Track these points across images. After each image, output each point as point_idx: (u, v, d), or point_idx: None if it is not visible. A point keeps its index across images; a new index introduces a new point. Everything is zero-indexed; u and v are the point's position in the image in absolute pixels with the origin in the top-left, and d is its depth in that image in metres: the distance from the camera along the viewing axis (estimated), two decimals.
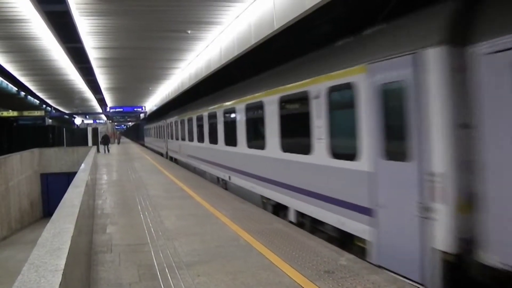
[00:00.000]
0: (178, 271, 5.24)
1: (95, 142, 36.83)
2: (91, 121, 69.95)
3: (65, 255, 2.92)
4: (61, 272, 2.57)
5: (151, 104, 43.47)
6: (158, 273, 5.21)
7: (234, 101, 11.62)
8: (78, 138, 37.92)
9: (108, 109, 46.64)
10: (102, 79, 25.26)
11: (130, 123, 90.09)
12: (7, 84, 31.42)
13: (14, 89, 33.28)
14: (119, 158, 28.39)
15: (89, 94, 35.14)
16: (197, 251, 6.08)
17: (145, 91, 33.84)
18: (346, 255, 5.66)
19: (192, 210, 9.21)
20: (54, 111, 50.23)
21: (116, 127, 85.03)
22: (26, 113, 40.74)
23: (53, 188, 26.10)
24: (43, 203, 26.48)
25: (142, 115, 57.30)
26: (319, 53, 7.69)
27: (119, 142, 55.79)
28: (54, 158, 28.43)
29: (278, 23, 9.16)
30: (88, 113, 57.37)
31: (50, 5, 12.33)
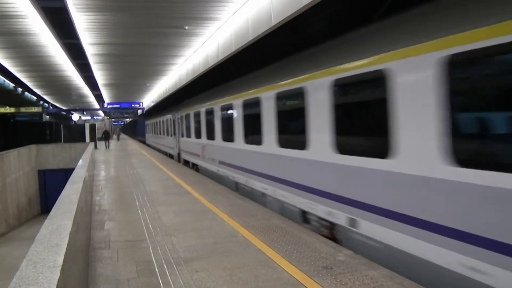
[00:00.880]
0: (176, 267, 5.25)
1: (93, 138, 36.83)
2: (88, 118, 69.79)
3: (63, 251, 2.92)
4: (59, 269, 2.58)
5: (148, 100, 43.35)
6: (156, 269, 5.22)
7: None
8: (76, 134, 37.85)
9: (105, 105, 46.51)
10: (99, 75, 25.15)
11: (127, 119, 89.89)
12: (4, 80, 31.29)
13: (11, 85, 33.14)
14: (117, 154, 28.36)
15: (86, 90, 35.02)
16: (195, 247, 6.10)
17: (142, 87, 33.73)
18: (344, 251, 5.68)
19: (190, 206, 9.22)
20: (51, 107, 50.06)
21: (114, 123, 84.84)
22: (23, 109, 40.60)
23: (50, 185, 26.12)
24: (41, 200, 26.50)
25: (139, 111, 57.17)
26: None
27: (118, 139, 55.57)
28: (51, 155, 28.41)
29: (275, 19, 9.14)
30: (86, 109, 57.18)
31: (47, 1, 12.27)
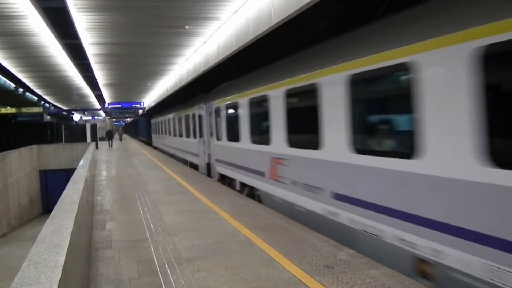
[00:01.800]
0: (178, 266, 5.25)
1: (94, 138, 36.93)
2: (89, 117, 69.86)
3: (65, 251, 2.93)
4: (61, 269, 2.58)
5: (149, 100, 43.37)
6: (158, 268, 5.22)
7: None
8: (77, 134, 37.92)
9: (106, 105, 46.56)
10: (100, 75, 25.17)
11: (128, 119, 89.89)
12: (5, 81, 31.32)
13: (12, 85, 33.17)
14: (118, 153, 28.37)
15: (87, 90, 35.06)
16: (196, 246, 6.09)
17: (143, 87, 33.75)
18: (346, 250, 5.68)
19: (191, 205, 9.21)
20: (52, 107, 50.12)
21: (115, 123, 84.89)
22: (24, 109, 40.65)
23: (52, 185, 26.15)
24: (42, 200, 26.52)
25: (140, 111, 57.14)
26: None
27: (121, 139, 55.59)
28: (52, 155, 28.44)
29: (276, 18, 9.14)
30: (87, 109, 57.23)
31: (47, 1, 12.27)
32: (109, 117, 61.40)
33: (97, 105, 51.64)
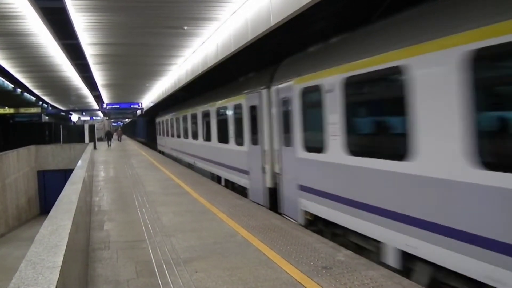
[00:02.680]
0: (176, 267, 5.25)
1: (92, 138, 37.00)
2: (87, 118, 69.75)
3: (63, 252, 2.93)
4: (59, 269, 2.58)
5: (148, 100, 43.32)
6: (156, 269, 5.22)
7: None
8: (75, 135, 37.95)
9: (104, 105, 46.47)
10: (99, 76, 25.12)
11: (126, 120, 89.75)
12: (3, 81, 31.24)
13: (10, 86, 33.10)
14: (116, 154, 28.34)
15: (85, 90, 34.97)
16: (194, 247, 6.09)
17: (142, 88, 33.69)
18: (344, 251, 5.68)
19: (189, 206, 9.21)
20: (50, 108, 50.01)
21: (113, 123, 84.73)
22: (22, 110, 40.54)
23: (50, 185, 26.10)
24: (40, 200, 26.49)
25: (138, 112, 57.01)
26: None
27: (120, 139, 55.44)
28: (50, 155, 28.41)
29: (274, 19, 9.14)
30: (85, 109, 57.11)
31: (45, 1, 12.26)
32: (107, 118, 61.27)
33: (95, 106, 51.50)
